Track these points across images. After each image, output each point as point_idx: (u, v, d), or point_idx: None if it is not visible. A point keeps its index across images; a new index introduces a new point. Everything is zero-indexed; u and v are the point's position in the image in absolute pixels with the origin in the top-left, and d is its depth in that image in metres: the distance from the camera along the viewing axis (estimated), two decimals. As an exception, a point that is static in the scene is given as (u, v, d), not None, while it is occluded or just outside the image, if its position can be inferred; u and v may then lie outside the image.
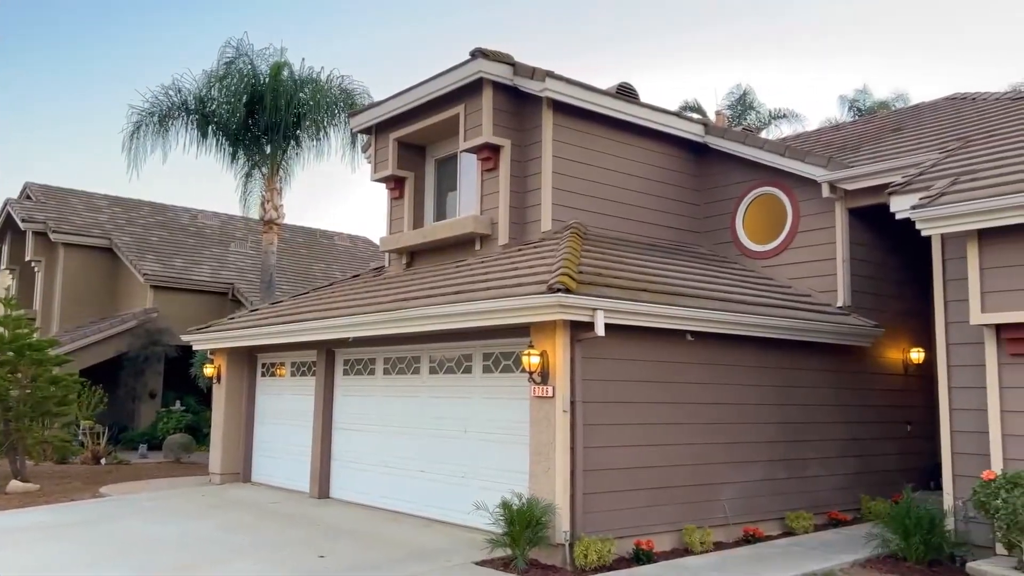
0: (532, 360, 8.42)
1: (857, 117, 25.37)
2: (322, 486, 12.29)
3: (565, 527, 8.15)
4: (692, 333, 9.42)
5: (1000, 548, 7.57)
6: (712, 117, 23.91)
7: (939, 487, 8.84)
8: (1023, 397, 7.84)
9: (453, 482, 10.12)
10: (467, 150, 11.57)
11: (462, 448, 10.09)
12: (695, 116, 16.89)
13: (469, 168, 12.05)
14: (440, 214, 12.89)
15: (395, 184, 13.06)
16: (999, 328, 8.00)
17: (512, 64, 11.18)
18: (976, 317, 8.07)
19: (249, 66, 19.84)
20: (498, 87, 11.23)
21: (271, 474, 13.81)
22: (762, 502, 9.94)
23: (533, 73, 10.94)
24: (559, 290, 8.05)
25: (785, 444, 10.36)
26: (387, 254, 13.53)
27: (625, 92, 12.41)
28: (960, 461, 8.57)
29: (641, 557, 8.28)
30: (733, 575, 7.69)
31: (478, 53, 11.03)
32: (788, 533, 9.82)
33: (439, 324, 9.29)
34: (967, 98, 12.95)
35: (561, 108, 11.19)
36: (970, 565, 7.48)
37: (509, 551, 8.13)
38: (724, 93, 28.57)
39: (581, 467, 8.34)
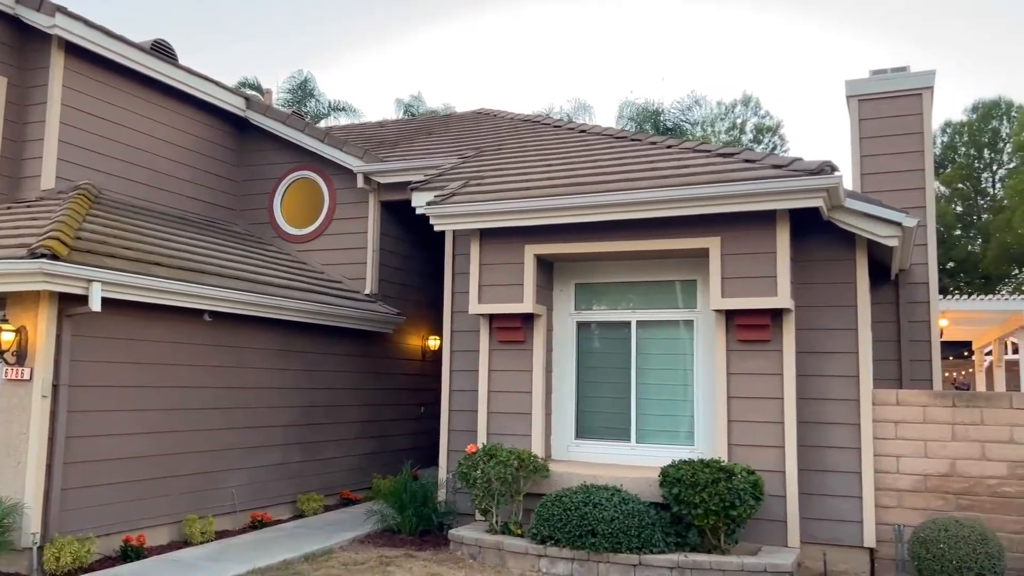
0: (4, 337, 7.16)
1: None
2: None
3: (35, 528, 7.07)
4: (213, 314, 8.94)
5: (478, 515, 8.47)
6: (275, 100, 23.36)
7: (442, 463, 9.63)
8: (509, 378, 8.88)
9: None
10: (-54, 81, 9.47)
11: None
12: (246, 91, 16.23)
13: (-51, 104, 9.88)
14: (-95, 156, 10.36)
15: None
16: (492, 317, 8.97)
17: (14, -11, 9.45)
18: (474, 307, 8.95)
19: None
20: (-6, 13, 9.41)
21: None
22: (275, 486, 9.83)
23: (41, 5, 9.37)
24: (44, 256, 6.96)
25: (304, 427, 10.40)
26: None
27: (160, 50, 11.35)
28: (455, 438, 9.43)
29: (130, 554, 7.56)
30: (228, 563, 7.39)
31: (-34, -35, 9.10)
32: (299, 516, 9.86)
33: None
34: (490, 114, 14.46)
35: (78, 52, 9.77)
36: (451, 532, 8.24)
37: (-44, 564, 6.79)
38: (286, 77, 28.14)
39: (62, 460, 7.31)
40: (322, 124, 25.14)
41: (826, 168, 7.49)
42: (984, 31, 67.52)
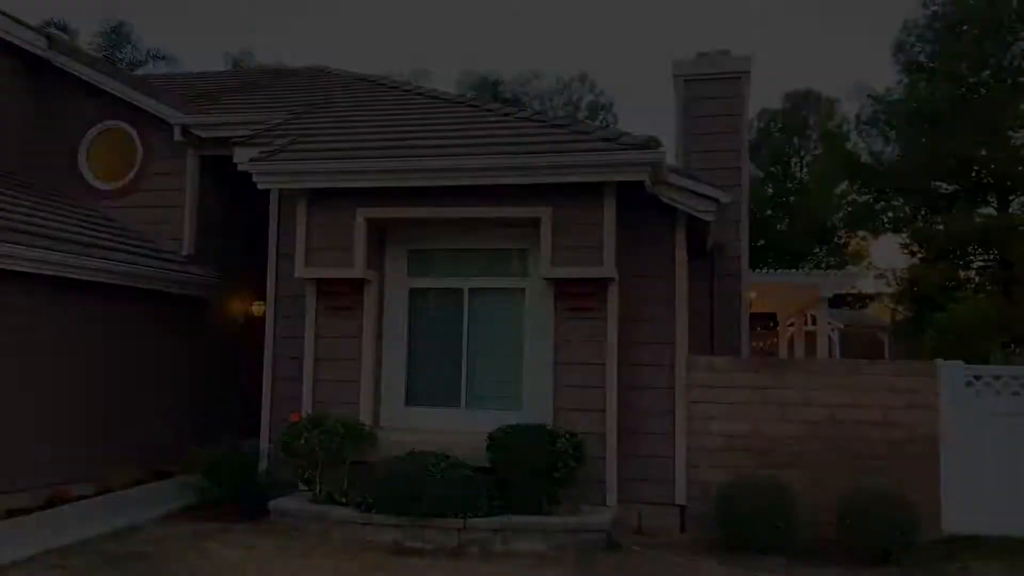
0: None
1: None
2: None
3: None
4: (1, 273, 8.05)
5: (302, 485, 8.21)
6: (86, 43, 21.40)
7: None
8: (337, 346, 8.63)
9: None
10: None
11: None
12: (50, 30, 14.66)
13: None
14: None
15: None
16: (320, 282, 8.67)
17: None
18: (301, 271, 8.61)
19: None
20: None
21: None
22: (78, 460, 9.07)
23: None
24: None
25: (114, 397, 9.65)
26: None
27: (-59, -27, 10.02)
28: (280, 407, 9.06)
29: (-102, 541, 6.74)
30: (17, 545, 6.73)
31: None
32: (106, 491, 9.17)
33: None
34: (325, 71, 13.86)
35: None
36: (272, 503, 7.95)
37: None
38: (100, 20, 25.80)
39: None
40: (140, 72, 23.28)
41: (651, 143, 7.75)
42: (802, 25, 72.95)
